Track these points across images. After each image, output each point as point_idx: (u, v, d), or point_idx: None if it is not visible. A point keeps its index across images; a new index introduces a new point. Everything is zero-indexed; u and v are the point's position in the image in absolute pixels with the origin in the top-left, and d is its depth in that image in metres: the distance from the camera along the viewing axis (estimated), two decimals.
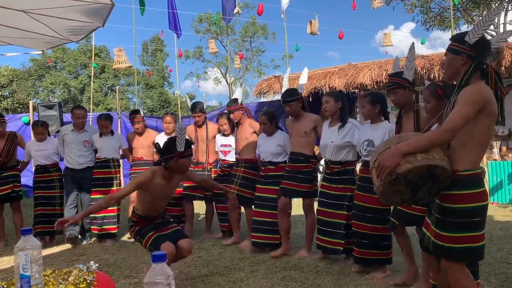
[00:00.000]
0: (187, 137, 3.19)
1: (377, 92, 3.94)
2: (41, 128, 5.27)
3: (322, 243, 4.03)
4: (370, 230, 3.52)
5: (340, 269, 3.79)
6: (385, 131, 3.51)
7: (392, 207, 3.36)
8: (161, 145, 3.26)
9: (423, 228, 2.35)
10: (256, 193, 4.56)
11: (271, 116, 4.51)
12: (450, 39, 2.36)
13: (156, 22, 52.95)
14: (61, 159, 5.52)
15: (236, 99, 5.01)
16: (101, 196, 5.12)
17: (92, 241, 5.32)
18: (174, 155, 3.11)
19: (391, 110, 3.71)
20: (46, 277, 1.73)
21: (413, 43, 3.30)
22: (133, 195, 5.35)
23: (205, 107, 5.39)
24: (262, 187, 4.50)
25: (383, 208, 3.44)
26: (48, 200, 5.23)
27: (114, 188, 5.26)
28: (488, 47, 2.23)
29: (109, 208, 5.00)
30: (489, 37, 2.34)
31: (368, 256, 3.60)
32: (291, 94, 4.34)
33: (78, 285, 1.65)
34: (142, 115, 5.61)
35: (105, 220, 5.19)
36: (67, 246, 5.06)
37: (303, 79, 4.79)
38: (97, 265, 1.83)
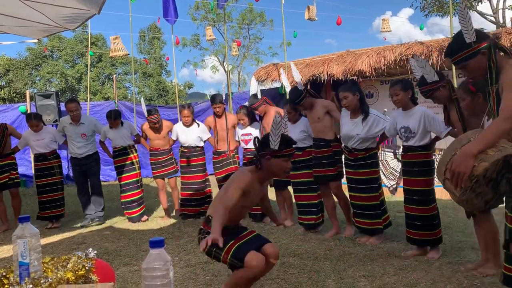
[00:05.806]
0: (283, 132, 2.69)
1: (404, 79, 3.99)
2: (34, 121, 5.48)
3: (361, 225, 4.23)
4: (419, 212, 3.66)
5: (339, 255, 3.81)
6: (420, 115, 3.64)
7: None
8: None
9: (506, 223, 2.18)
10: (291, 179, 4.83)
11: (295, 105, 4.63)
12: (448, 56, 2.30)
13: (153, 9, 52.58)
14: (59, 147, 5.74)
15: (255, 95, 5.17)
16: (130, 180, 5.60)
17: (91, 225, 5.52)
18: (266, 153, 2.67)
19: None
20: (45, 264, 1.74)
21: (420, 60, 3.42)
22: (172, 183, 5.79)
23: (223, 97, 5.58)
24: (294, 173, 4.71)
25: (427, 189, 3.64)
26: (50, 186, 5.55)
27: (137, 171, 5.66)
28: (482, 30, 2.19)
29: (136, 192, 5.62)
30: (490, 24, 2.29)
31: (420, 237, 3.70)
32: (298, 94, 4.48)
33: (76, 272, 1.65)
34: (158, 114, 5.49)
35: (135, 203, 5.62)
36: (67, 234, 5.10)
37: (297, 77, 4.77)
38: (95, 251, 1.84)
